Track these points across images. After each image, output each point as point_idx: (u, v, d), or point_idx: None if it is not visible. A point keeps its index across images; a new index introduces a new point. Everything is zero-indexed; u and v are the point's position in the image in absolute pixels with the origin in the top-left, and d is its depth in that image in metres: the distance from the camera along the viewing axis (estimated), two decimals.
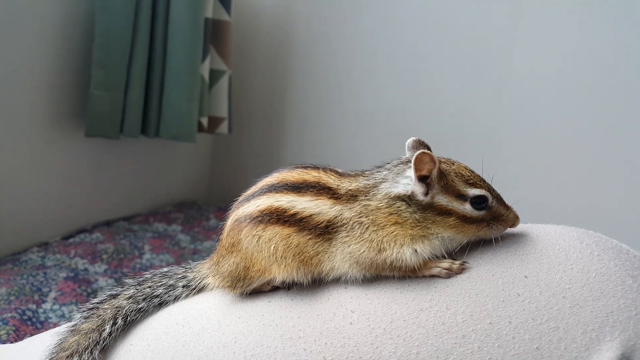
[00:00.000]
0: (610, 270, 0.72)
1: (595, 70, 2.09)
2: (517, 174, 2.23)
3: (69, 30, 2.10)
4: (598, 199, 2.12)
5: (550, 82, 2.19)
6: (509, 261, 0.75)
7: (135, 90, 2.22)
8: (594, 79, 2.10)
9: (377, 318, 0.73)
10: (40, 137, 2.09)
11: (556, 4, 2.14)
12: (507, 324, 0.69)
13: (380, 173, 0.80)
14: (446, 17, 2.38)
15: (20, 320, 1.63)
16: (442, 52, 2.42)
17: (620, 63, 2.04)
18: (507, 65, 2.26)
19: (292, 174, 0.81)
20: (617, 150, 2.08)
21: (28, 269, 1.90)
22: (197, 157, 2.96)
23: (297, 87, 2.80)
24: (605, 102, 2.09)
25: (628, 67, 2.03)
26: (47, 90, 2.08)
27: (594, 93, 2.11)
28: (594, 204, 2.12)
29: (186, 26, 2.26)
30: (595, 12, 2.06)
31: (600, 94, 2.10)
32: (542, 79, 2.20)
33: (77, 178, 2.29)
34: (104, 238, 2.25)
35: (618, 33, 2.03)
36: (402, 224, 0.75)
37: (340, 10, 2.61)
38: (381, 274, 0.76)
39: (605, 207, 2.09)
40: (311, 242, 0.76)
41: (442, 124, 2.41)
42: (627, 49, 2.02)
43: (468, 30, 2.34)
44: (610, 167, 2.09)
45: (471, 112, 2.36)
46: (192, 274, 0.89)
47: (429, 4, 2.41)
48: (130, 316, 0.84)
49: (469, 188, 0.76)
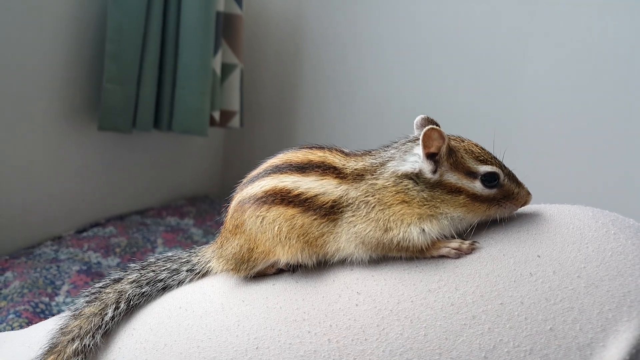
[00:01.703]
0: (627, 249, 0.69)
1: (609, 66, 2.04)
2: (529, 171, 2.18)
3: (82, 24, 2.10)
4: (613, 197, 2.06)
5: (564, 77, 2.13)
6: (521, 240, 0.72)
7: (147, 84, 2.22)
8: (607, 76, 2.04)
9: (383, 299, 0.70)
10: (54, 131, 2.10)
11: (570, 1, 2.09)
12: (519, 304, 0.66)
13: (388, 152, 0.77)
14: (458, 11, 2.34)
15: (33, 312, 1.64)
16: (453, 46, 2.37)
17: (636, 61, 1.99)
18: (521, 59, 2.21)
19: (297, 154, 0.80)
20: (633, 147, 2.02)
21: (42, 262, 1.91)
22: (209, 151, 2.96)
23: (308, 81, 2.78)
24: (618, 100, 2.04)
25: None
26: (60, 84, 2.09)
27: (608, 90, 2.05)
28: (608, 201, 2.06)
29: (198, 20, 2.26)
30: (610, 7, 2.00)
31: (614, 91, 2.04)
32: (555, 75, 2.15)
33: (91, 172, 2.30)
34: (117, 232, 2.25)
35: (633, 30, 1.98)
36: (410, 202, 0.72)
37: (351, 3, 2.58)
38: (388, 254, 0.74)
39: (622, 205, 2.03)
40: (316, 222, 0.74)
41: (452, 120, 2.36)
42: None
43: (480, 24, 2.29)
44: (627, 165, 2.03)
45: (482, 106, 2.32)
46: (196, 258, 0.88)
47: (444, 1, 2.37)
48: (134, 300, 0.83)
49: (480, 165, 0.73)
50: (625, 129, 2.02)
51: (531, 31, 2.18)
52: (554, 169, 2.19)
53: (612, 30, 2.01)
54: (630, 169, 2.02)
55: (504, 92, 2.28)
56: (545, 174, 2.18)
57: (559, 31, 2.12)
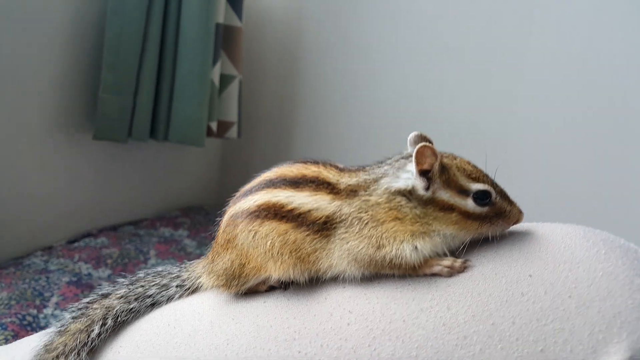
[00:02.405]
0: (618, 270, 0.69)
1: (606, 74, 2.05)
2: (526, 179, 2.19)
3: (79, 33, 2.10)
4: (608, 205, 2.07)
5: (561, 84, 2.15)
6: (513, 259, 0.72)
7: (144, 94, 2.22)
8: (605, 83, 2.06)
9: (375, 319, 0.70)
10: (48, 139, 2.09)
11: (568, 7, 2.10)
12: (511, 324, 0.65)
13: (381, 168, 0.77)
14: (457, 22, 2.36)
15: (20, 325, 1.62)
16: (453, 57, 2.39)
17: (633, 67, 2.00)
18: (518, 69, 2.23)
19: (292, 168, 0.79)
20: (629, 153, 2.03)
21: (31, 273, 1.88)
22: (206, 162, 2.95)
23: (306, 93, 2.79)
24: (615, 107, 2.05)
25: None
26: (56, 93, 2.08)
27: (605, 97, 2.07)
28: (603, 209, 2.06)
29: (197, 31, 2.26)
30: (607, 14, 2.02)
31: (611, 98, 2.05)
32: (552, 83, 2.17)
33: (84, 181, 2.28)
34: (109, 242, 2.23)
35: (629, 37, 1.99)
36: (402, 219, 0.72)
37: (350, 16, 2.61)
38: (380, 272, 0.73)
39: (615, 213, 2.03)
40: (309, 238, 0.73)
41: (453, 131, 2.38)
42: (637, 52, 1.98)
43: (479, 35, 2.31)
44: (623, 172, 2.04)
45: (481, 118, 2.33)
46: (186, 273, 0.87)
47: (439, 10, 2.39)
48: (121, 316, 0.82)
49: (472, 183, 0.73)
50: (623, 144, 2.03)
51: (527, 46, 2.20)
52: (548, 185, 2.19)
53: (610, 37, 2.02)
54: (627, 185, 2.03)
55: (500, 107, 2.29)
56: (539, 191, 2.19)
57: (555, 47, 2.14)
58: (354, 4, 2.58)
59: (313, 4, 2.70)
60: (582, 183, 2.12)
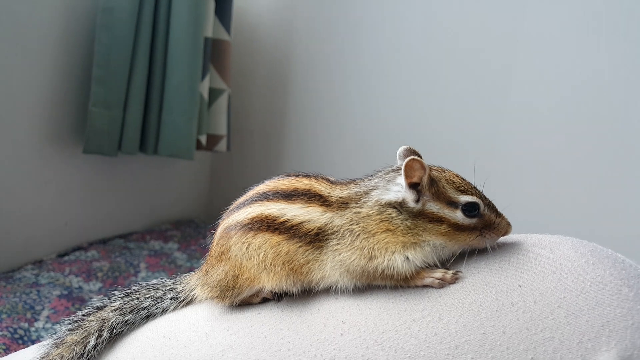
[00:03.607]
0: (606, 279, 0.71)
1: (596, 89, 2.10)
2: (517, 189, 2.22)
3: (69, 48, 2.11)
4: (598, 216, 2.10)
5: (550, 96, 2.19)
6: (503, 270, 0.74)
7: (134, 107, 2.23)
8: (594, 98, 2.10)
9: (368, 329, 0.71)
10: (38, 153, 2.09)
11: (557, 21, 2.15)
12: (501, 334, 0.67)
13: (372, 181, 0.79)
14: (446, 38, 2.40)
15: (11, 338, 1.61)
16: (441, 71, 2.43)
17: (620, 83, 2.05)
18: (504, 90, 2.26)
19: (284, 182, 0.81)
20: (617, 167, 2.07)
21: (21, 286, 1.88)
22: (195, 175, 2.95)
23: (295, 105, 2.81)
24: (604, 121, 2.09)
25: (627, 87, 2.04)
26: (46, 107, 2.09)
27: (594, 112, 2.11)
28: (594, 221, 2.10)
29: (186, 45, 2.28)
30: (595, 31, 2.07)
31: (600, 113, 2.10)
32: (541, 95, 2.21)
33: (74, 195, 2.28)
34: (99, 256, 2.23)
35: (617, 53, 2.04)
36: (394, 231, 0.73)
37: (338, 29, 2.64)
38: (373, 283, 0.75)
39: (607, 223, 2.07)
40: (301, 250, 0.74)
41: (440, 141, 2.41)
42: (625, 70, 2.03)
43: (469, 48, 2.34)
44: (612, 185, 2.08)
45: (473, 128, 2.36)
46: (180, 285, 0.88)
47: (429, 23, 2.43)
48: (117, 328, 0.83)
49: (460, 195, 0.75)
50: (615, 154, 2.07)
51: (515, 62, 2.24)
52: (540, 195, 2.23)
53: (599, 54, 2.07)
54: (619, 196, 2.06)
55: (488, 122, 2.33)
56: (532, 200, 2.22)
57: (543, 62, 2.18)
58: (343, 16, 2.62)
59: (301, 18, 2.74)
60: (574, 193, 2.16)
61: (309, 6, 2.72)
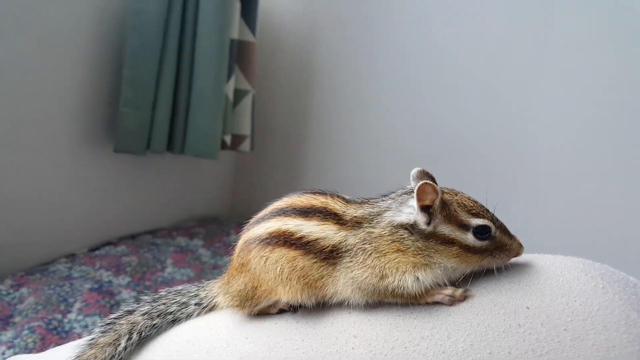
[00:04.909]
0: (614, 304, 0.72)
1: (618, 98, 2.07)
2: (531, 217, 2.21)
3: (100, 50, 2.19)
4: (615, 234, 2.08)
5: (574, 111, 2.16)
6: (512, 291, 0.76)
7: (162, 108, 2.30)
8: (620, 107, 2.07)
9: (378, 344, 0.74)
10: (71, 152, 2.18)
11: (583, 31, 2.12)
12: (507, 354, 0.69)
13: (385, 202, 0.82)
14: (472, 37, 2.38)
15: (46, 329, 1.69)
16: (465, 70, 2.41)
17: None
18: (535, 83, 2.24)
19: (301, 199, 0.84)
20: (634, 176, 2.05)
21: (55, 279, 1.96)
22: (220, 174, 3.02)
23: (318, 106, 2.84)
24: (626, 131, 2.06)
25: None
26: (79, 108, 2.17)
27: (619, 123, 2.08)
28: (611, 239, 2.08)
29: (212, 47, 2.33)
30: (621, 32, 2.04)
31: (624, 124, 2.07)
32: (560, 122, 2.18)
33: (105, 192, 2.36)
34: (128, 251, 2.31)
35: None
36: (405, 251, 0.76)
37: (362, 30, 2.64)
38: (383, 300, 0.78)
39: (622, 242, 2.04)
40: (316, 265, 0.78)
41: (464, 145, 2.40)
42: None
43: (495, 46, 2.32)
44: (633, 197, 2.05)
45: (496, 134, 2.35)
46: (204, 292, 0.93)
47: (454, 22, 2.41)
48: (145, 332, 0.88)
49: (472, 218, 0.77)
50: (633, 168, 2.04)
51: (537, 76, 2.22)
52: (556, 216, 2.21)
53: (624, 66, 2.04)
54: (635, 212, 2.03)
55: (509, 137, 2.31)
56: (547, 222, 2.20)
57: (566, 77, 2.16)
58: (366, 18, 2.62)
59: (325, 19, 2.75)
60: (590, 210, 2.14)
61: (332, 6, 2.73)
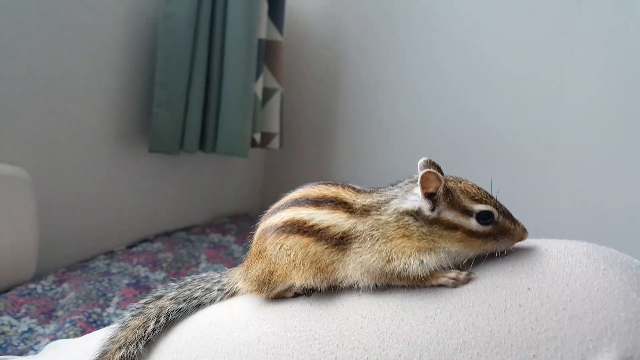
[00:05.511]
0: (614, 285, 0.74)
1: None
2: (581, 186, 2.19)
3: (133, 54, 2.28)
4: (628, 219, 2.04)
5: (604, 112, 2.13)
6: (515, 273, 0.79)
7: (194, 109, 2.38)
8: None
9: (385, 323, 0.79)
10: (108, 153, 2.28)
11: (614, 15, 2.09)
12: (507, 332, 0.73)
13: (392, 190, 0.87)
14: (502, 31, 2.36)
15: (86, 322, 1.79)
16: (495, 67, 2.39)
17: None
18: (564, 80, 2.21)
19: (314, 189, 0.90)
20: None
21: (95, 275, 2.06)
22: (250, 172, 3.09)
23: (346, 103, 2.87)
24: None
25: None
26: (115, 110, 2.27)
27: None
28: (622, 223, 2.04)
29: (241, 48, 2.40)
30: None
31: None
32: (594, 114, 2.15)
33: (141, 191, 2.46)
34: (164, 247, 2.40)
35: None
36: (410, 236, 0.81)
37: (389, 27, 2.66)
38: (391, 283, 0.82)
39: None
40: (327, 251, 0.83)
41: (492, 144, 2.40)
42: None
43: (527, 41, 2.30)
44: None
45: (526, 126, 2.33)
46: (226, 278, 0.99)
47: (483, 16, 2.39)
48: (172, 315, 0.95)
49: (475, 204, 0.81)
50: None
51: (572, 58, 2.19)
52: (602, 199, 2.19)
53: None
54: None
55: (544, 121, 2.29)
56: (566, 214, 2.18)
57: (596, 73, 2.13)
58: (393, 15, 2.63)
59: (352, 16, 2.78)
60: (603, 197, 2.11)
61: (358, 3, 2.76)
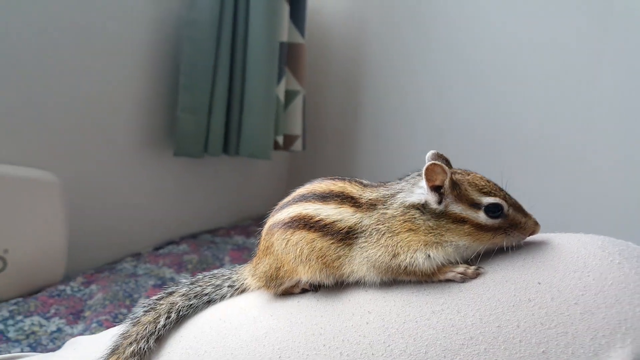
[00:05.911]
0: (629, 279, 0.71)
1: None
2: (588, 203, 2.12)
3: (158, 59, 2.33)
4: None
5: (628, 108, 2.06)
6: (525, 267, 0.76)
7: (217, 112, 2.41)
8: None
9: (391, 319, 0.77)
10: (135, 156, 2.33)
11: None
12: (515, 327, 0.70)
13: (399, 184, 0.85)
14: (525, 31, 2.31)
15: (113, 322, 1.82)
16: (519, 67, 2.34)
17: None
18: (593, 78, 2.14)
19: (321, 184, 0.89)
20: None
21: (122, 276, 2.10)
22: (273, 174, 3.10)
23: (369, 104, 2.86)
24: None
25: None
26: (140, 114, 2.32)
27: None
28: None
29: (263, 52, 2.42)
30: None
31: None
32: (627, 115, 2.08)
33: (167, 194, 2.51)
34: (189, 249, 2.44)
35: None
36: (416, 230, 0.79)
37: (410, 27, 2.64)
38: (397, 278, 0.81)
39: None
40: (333, 246, 0.82)
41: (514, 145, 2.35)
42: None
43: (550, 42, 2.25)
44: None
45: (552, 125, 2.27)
46: (235, 275, 1.00)
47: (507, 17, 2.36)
48: (182, 311, 0.96)
49: (483, 197, 0.79)
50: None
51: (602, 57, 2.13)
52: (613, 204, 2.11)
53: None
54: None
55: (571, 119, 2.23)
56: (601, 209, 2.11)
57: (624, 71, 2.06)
58: (415, 16, 2.62)
59: (374, 18, 2.77)
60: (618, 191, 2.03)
61: (380, 4, 2.75)
